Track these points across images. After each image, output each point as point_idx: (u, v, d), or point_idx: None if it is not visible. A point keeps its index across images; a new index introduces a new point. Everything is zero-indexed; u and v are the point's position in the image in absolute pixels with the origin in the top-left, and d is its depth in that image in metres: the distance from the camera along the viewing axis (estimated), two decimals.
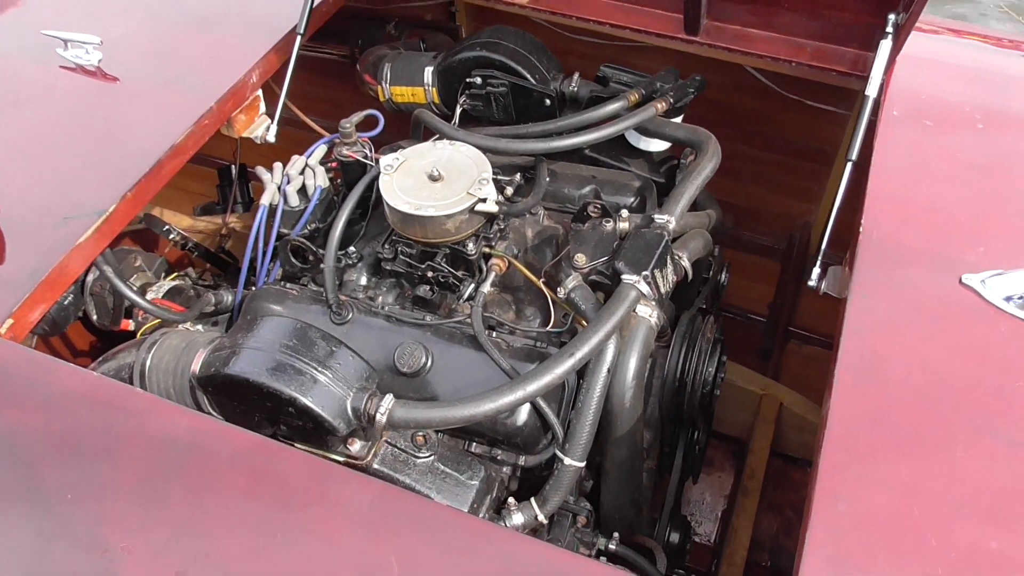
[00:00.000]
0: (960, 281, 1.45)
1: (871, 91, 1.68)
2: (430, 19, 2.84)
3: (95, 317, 2.28)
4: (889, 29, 1.67)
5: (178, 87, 1.85)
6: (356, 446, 1.49)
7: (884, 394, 1.29)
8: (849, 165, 1.66)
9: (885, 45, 1.67)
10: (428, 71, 2.12)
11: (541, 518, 1.55)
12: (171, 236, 2.44)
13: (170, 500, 1.21)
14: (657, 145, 2.01)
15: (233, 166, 2.65)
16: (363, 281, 1.81)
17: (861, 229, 1.52)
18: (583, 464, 1.54)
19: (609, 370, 1.53)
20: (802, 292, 2.85)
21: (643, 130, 1.95)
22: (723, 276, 2.20)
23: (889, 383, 1.31)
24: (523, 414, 1.57)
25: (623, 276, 1.55)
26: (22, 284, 1.45)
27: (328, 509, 1.20)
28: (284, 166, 1.90)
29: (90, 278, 2.19)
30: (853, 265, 1.48)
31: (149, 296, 2.20)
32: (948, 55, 1.99)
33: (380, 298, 1.77)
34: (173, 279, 2.28)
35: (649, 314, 1.59)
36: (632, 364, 1.56)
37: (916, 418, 1.26)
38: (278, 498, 1.21)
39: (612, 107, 1.89)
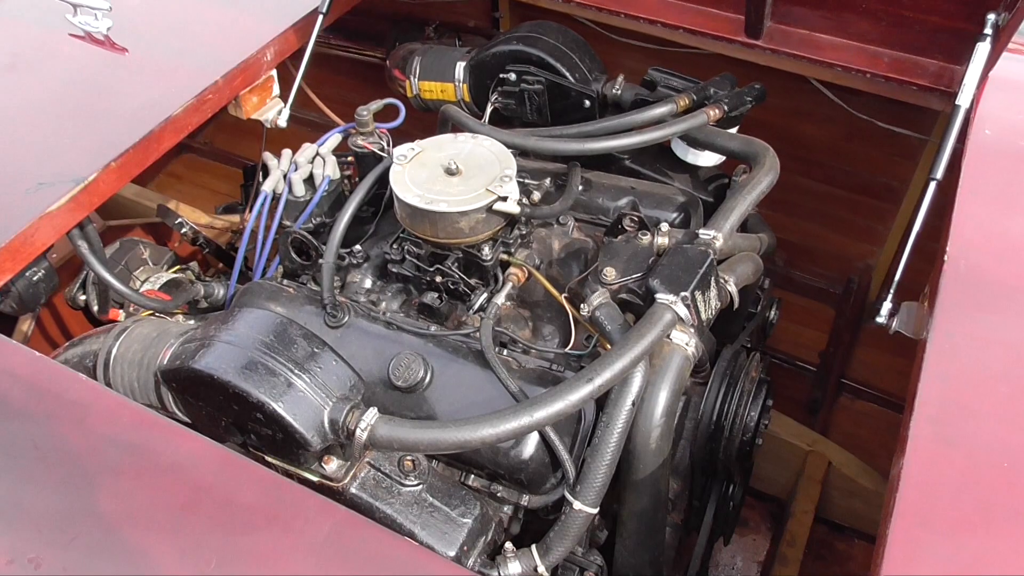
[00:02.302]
0: None
1: (963, 100, 1.45)
2: (473, 25, 2.70)
3: (95, 308, 2.15)
4: (988, 31, 1.44)
5: (185, 59, 1.73)
6: (332, 465, 1.30)
7: (971, 455, 1.05)
8: (933, 185, 1.43)
9: (983, 48, 1.44)
10: (460, 66, 1.96)
11: (541, 570, 1.34)
12: (183, 230, 2.31)
13: (95, 507, 1.03)
14: (707, 159, 1.81)
15: (259, 165, 2.53)
16: (367, 284, 1.64)
17: (946, 258, 1.28)
18: (596, 511, 1.33)
19: (634, 403, 1.32)
20: (858, 342, 2.60)
21: (692, 140, 1.77)
22: (772, 312, 1.97)
23: (976, 442, 1.07)
24: (530, 446, 1.36)
25: (657, 296, 1.35)
26: None
27: (277, 536, 1.00)
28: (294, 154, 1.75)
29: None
30: (934, 301, 1.24)
31: (146, 287, 2.06)
32: None
33: (383, 303, 1.60)
34: (175, 271, 2.15)
35: (686, 342, 1.38)
36: (662, 398, 1.35)
37: (1010, 487, 1.01)
38: (221, 517, 1.02)
39: (658, 111, 1.70)
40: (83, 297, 2.14)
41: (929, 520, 0.99)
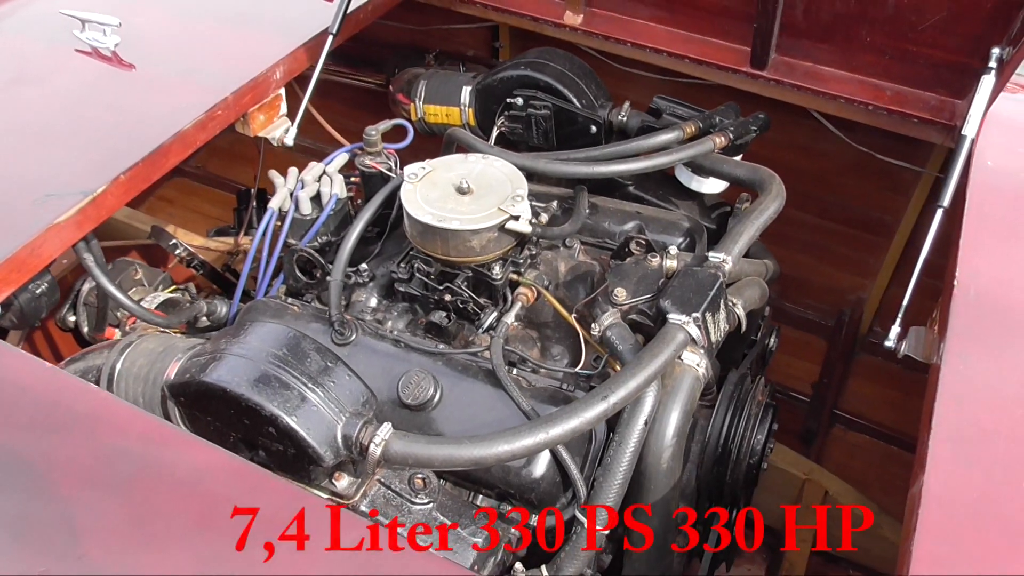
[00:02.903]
0: None
1: (969, 131, 1.48)
2: (472, 54, 2.73)
3: (86, 329, 2.10)
4: (992, 64, 1.48)
5: (194, 76, 1.72)
6: (343, 482, 1.28)
7: (990, 476, 1.05)
8: (940, 212, 1.46)
9: (987, 81, 1.48)
10: (466, 90, 1.97)
11: None
12: (177, 251, 2.28)
13: (107, 521, 0.99)
14: (711, 186, 1.83)
15: (252, 189, 2.52)
16: (372, 303, 1.63)
17: (955, 284, 1.30)
18: (607, 531, 1.31)
19: (647, 422, 1.31)
20: (851, 373, 2.61)
21: (697, 167, 1.78)
22: (772, 340, 1.98)
23: (995, 463, 1.07)
24: (541, 465, 1.34)
25: (669, 316, 1.35)
26: None
27: (294, 557, 0.96)
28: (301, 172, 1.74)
29: (85, 287, 2.02)
30: (945, 325, 1.25)
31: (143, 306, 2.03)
32: None
33: (389, 323, 1.59)
34: (171, 291, 2.11)
35: (697, 363, 1.38)
36: (674, 418, 1.34)
37: None
38: (234, 534, 0.98)
39: (665, 137, 1.72)
40: (72, 318, 2.09)
41: (951, 538, 0.99)
